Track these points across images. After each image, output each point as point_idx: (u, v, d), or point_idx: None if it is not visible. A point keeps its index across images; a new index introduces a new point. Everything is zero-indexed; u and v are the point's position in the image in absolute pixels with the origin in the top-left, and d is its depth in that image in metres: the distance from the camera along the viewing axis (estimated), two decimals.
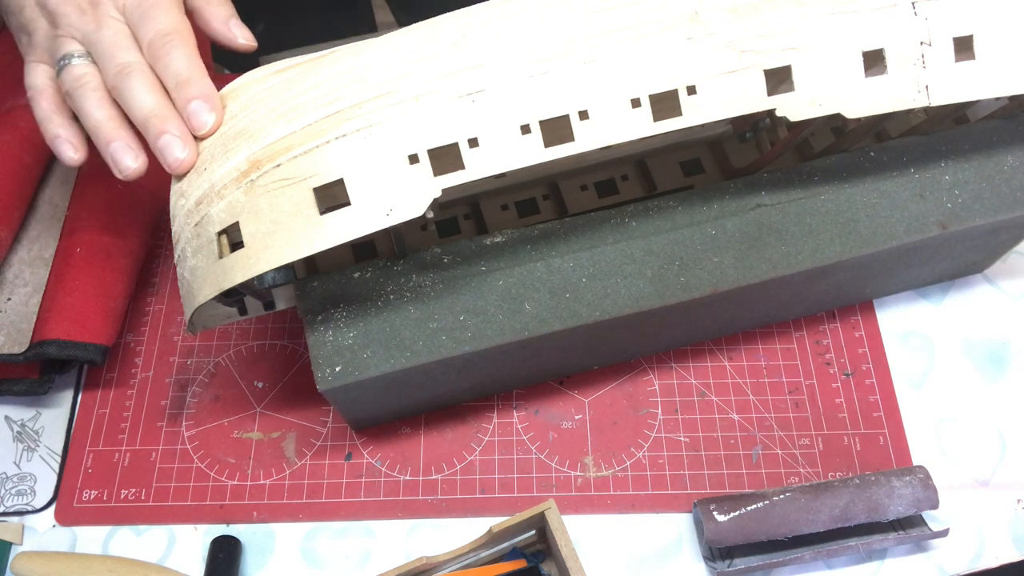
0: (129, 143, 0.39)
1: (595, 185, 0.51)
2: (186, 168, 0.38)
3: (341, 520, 0.50)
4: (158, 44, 0.39)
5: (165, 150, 0.38)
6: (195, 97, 0.38)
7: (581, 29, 0.37)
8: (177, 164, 0.38)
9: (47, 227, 0.54)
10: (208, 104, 0.38)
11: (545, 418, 0.53)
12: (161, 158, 0.38)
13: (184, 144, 0.38)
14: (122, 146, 0.39)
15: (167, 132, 0.38)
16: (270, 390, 0.54)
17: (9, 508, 0.51)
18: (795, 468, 0.51)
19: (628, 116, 0.37)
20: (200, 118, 0.38)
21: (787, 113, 0.39)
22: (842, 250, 0.44)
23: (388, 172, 0.36)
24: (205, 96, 0.38)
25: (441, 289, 0.43)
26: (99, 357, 0.50)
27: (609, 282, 0.43)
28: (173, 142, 0.38)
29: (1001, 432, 0.52)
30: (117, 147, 0.39)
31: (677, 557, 0.49)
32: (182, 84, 0.38)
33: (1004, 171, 0.46)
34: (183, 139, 0.38)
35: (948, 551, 0.49)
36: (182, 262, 0.40)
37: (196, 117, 0.38)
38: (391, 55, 0.37)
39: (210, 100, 0.38)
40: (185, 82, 0.38)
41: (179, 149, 0.38)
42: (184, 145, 0.38)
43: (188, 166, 0.38)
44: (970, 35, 0.40)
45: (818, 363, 0.54)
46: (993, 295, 0.56)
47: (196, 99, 0.38)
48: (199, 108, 0.38)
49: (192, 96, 0.38)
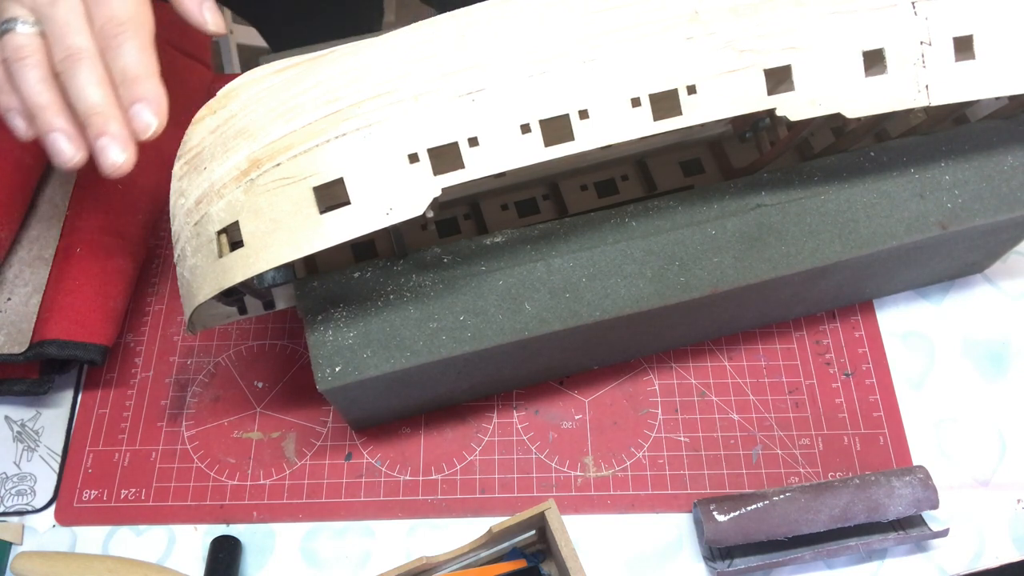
0: (69, 132, 0.37)
1: (595, 185, 0.51)
2: (122, 172, 0.36)
3: (341, 520, 0.50)
4: (110, 32, 0.36)
5: (102, 152, 0.36)
6: (140, 99, 0.36)
7: (581, 29, 0.37)
8: (113, 169, 0.36)
9: (47, 227, 0.54)
10: (152, 107, 0.36)
11: (545, 418, 0.53)
12: (97, 159, 0.36)
13: (123, 148, 0.36)
14: (61, 136, 0.37)
15: (107, 133, 0.36)
16: (270, 390, 0.54)
17: (9, 508, 0.51)
18: (795, 468, 0.51)
19: (628, 116, 0.37)
20: (142, 120, 0.36)
21: (787, 113, 0.39)
22: (842, 250, 0.44)
23: (388, 171, 0.36)
24: (150, 98, 0.36)
25: (441, 289, 0.43)
26: (99, 357, 0.50)
27: (609, 282, 0.43)
28: (111, 145, 0.36)
29: (1001, 432, 0.52)
30: (57, 137, 0.37)
31: (677, 557, 0.49)
32: (129, 81, 0.36)
33: (1004, 171, 0.46)
34: (122, 142, 0.36)
35: (948, 551, 0.49)
36: (182, 261, 0.40)
37: (138, 119, 0.36)
38: (391, 54, 0.37)
39: (155, 103, 0.36)
40: (132, 80, 0.36)
41: (117, 153, 0.36)
42: (123, 149, 0.36)
43: (125, 170, 0.36)
44: (970, 35, 0.40)
45: (818, 363, 0.54)
46: (993, 295, 0.56)
47: (140, 101, 0.36)
48: (141, 111, 0.36)
49: (137, 97, 0.36)
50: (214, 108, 0.39)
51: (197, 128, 0.39)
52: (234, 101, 0.39)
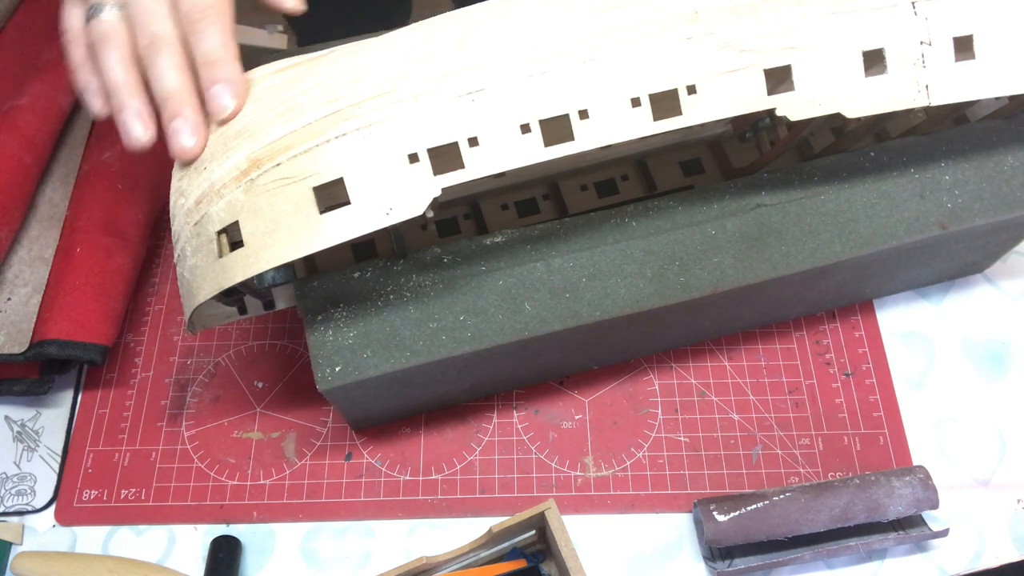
0: (142, 112, 0.38)
1: (595, 185, 0.51)
2: (191, 156, 0.38)
3: (341, 520, 0.50)
4: (194, 17, 0.37)
5: (174, 135, 0.37)
6: (219, 80, 0.37)
7: (581, 29, 0.37)
8: (182, 151, 0.37)
9: (47, 227, 0.54)
10: (231, 89, 0.37)
11: (545, 418, 0.53)
12: (169, 142, 0.38)
13: (194, 132, 0.37)
14: (134, 114, 0.38)
15: (180, 116, 0.37)
16: (270, 390, 0.54)
17: (9, 508, 0.51)
18: (795, 468, 0.51)
19: (628, 116, 0.37)
20: (220, 102, 0.37)
21: (787, 113, 0.39)
22: (842, 250, 0.44)
23: (388, 171, 0.36)
24: (230, 80, 0.37)
25: (441, 289, 0.43)
26: (99, 357, 0.50)
27: (609, 282, 0.43)
28: (183, 128, 0.37)
29: (1001, 432, 0.52)
30: (130, 115, 0.38)
31: (677, 557, 0.49)
32: (210, 64, 0.37)
33: (1004, 171, 0.46)
34: (194, 127, 0.37)
35: (948, 551, 0.49)
36: (182, 261, 0.40)
37: (216, 100, 0.37)
38: (391, 54, 0.37)
39: (234, 85, 0.37)
40: (213, 63, 0.37)
41: (187, 136, 0.37)
42: (193, 133, 0.37)
43: (193, 155, 0.38)
44: (970, 35, 0.40)
45: (818, 363, 0.54)
46: (993, 295, 0.56)
47: (220, 82, 0.37)
48: (221, 92, 0.37)
49: (217, 79, 0.37)
50: None
51: None
52: None
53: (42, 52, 0.58)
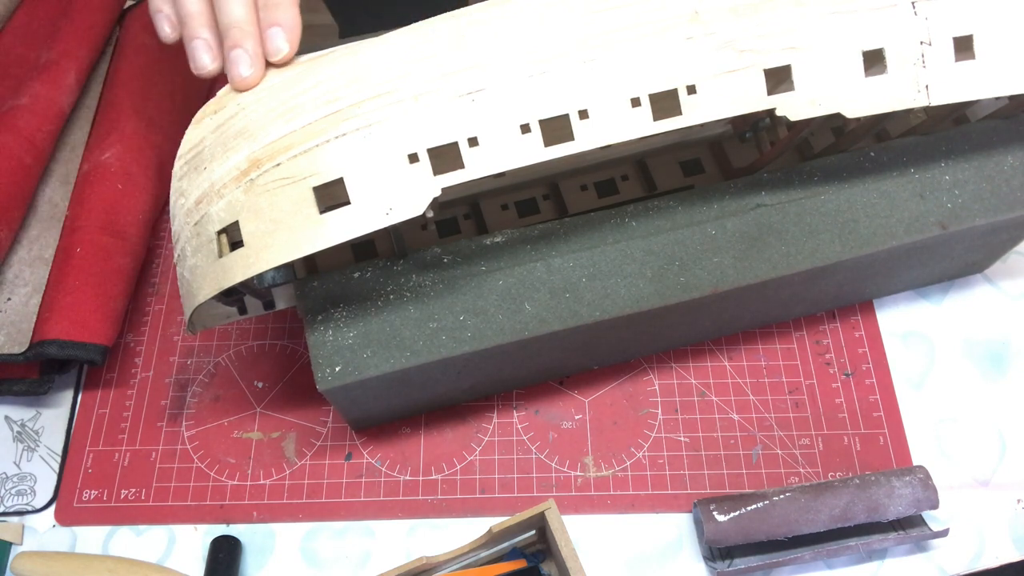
0: (211, 43, 0.40)
1: (595, 185, 0.51)
2: (248, 85, 0.39)
3: (341, 520, 0.50)
4: None
5: (233, 64, 0.39)
6: (276, 23, 0.39)
7: (581, 29, 0.37)
8: (240, 80, 0.39)
9: (47, 227, 0.54)
10: (287, 33, 0.39)
11: (545, 418, 0.53)
12: (228, 69, 0.39)
13: (252, 63, 0.39)
14: (203, 44, 0.40)
15: (240, 47, 0.38)
16: (270, 390, 0.54)
17: (9, 508, 0.51)
18: (795, 468, 0.51)
19: (628, 116, 0.37)
20: (275, 43, 0.39)
21: (787, 113, 0.39)
22: (842, 250, 0.44)
23: (388, 171, 0.36)
24: (286, 24, 0.39)
25: (441, 289, 0.43)
26: (99, 357, 0.50)
27: (609, 282, 0.43)
28: (243, 57, 0.39)
29: (1001, 432, 0.52)
30: (198, 44, 0.40)
31: (677, 557, 0.49)
32: (271, 5, 0.39)
33: (1004, 171, 0.46)
34: (253, 58, 0.39)
35: (948, 551, 0.49)
36: (182, 261, 0.40)
37: (271, 42, 0.39)
38: (391, 54, 0.37)
39: (290, 30, 0.39)
40: (274, 5, 0.39)
41: (246, 66, 0.39)
42: (252, 63, 0.39)
43: (251, 84, 0.39)
44: (970, 35, 0.40)
45: (818, 363, 0.54)
46: (993, 295, 0.56)
47: (276, 25, 0.39)
48: (276, 34, 0.39)
49: (274, 21, 0.39)
50: (214, 108, 0.39)
51: (197, 128, 0.39)
52: (234, 101, 0.39)
53: (42, 52, 0.58)
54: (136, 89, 0.58)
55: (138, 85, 0.58)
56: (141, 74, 0.58)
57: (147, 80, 0.58)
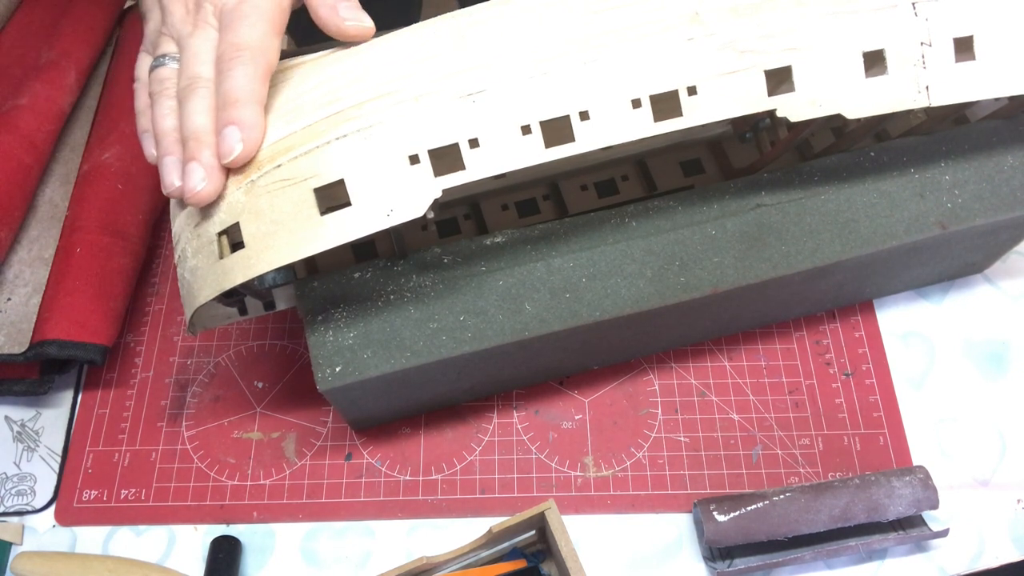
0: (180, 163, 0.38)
1: (595, 185, 0.51)
2: (202, 200, 0.37)
3: (341, 520, 0.50)
4: (226, 58, 0.37)
5: (186, 176, 0.37)
6: (232, 122, 0.36)
7: (581, 29, 0.37)
8: (192, 195, 0.36)
9: (47, 227, 0.54)
10: (242, 132, 0.36)
11: (545, 418, 0.53)
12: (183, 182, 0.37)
13: (206, 176, 0.36)
14: (174, 162, 0.37)
15: (196, 159, 0.36)
16: (270, 390, 0.54)
17: (9, 508, 0.51)
18: (795, 468, 0.51)
19: (628, 116, 0.37)
20: (228, 143, 0.36)
21: (787, 113, 0.39)
22: (842, 250, 0.44)
23: (388, 172, 0.36)
24: (242, 123, 0.36)
25: (441, 289, 0.43)
26: (99, 357, 0.50)
27: (609, 282, 0.43)
28: (196, 171, 0.36)
29: (1001, 432, 0.52)
30: (169, 162, 0.38)
31: (677, 557, 0.49)
32: (227, 105, 0.36)
33: (1004, 171, 0.46)
34: (208, 171, 0.36)
35: (948, 551, 0.49)
36: (182, 262, 0.40)
37: (224, 142, 0.36)
38: (391, 55, 0.37)
39: (246, 129, 0.36)
40: (231, 103, 0.36)
41: (199, 179, 0.36)
42: (205, 177, 0.36)
43: (203, 199, 0.37)
44: (970, 35, 0.40)
45: (818, 363, 0.54)
46: (993, 295, 0.56)
47: (232, 124, 0.36)
48: (230, 133, 0.36)
49: (230, 120, 0.36)
50: None
51: None
52: None
53: (42, 52, 0.58)
54: None
55: None
56: None
57: None
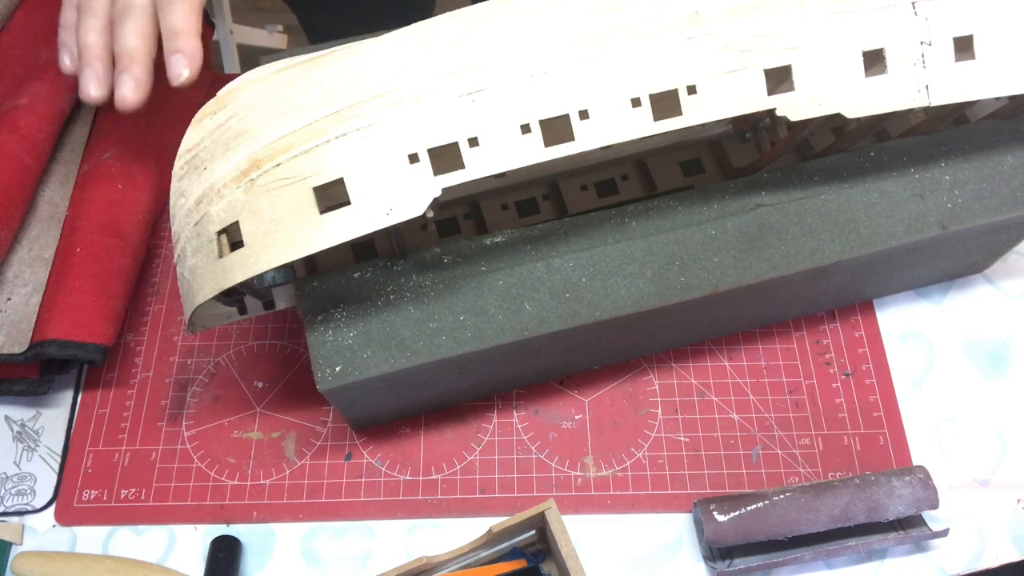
0: (100, 74, 0.44)
1: (595, 185, 0.51)
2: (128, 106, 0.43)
3: (341, 520, 0.50)
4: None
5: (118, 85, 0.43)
6: (179, 51, 0.42)
7: (581, 29, 0.37)
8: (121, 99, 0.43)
9: (47, 227, 0.54)
10: (187, 60, 0.42)
11: (545, 418, 0.53)
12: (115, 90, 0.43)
13: (136, 87, 0.43)
14: (92, 74, 0.44)
15: (127, 72, 0.42)
16: (270, 390, 0.54)
17: (9, 508, 0.51)
18: (795, 468, 0.51)
19: (628, 116, 0.37)
20: (176, 69, 0.42)
21: (787, 113, 0.39)
22: (842, 250, 0.44)
23: (388, 171, 0.36)
24: (188, 52, 0.42)
25: (441, 289, 0.43)
26: (99, 357, 0.50)
27: (609, 282, 0.43)
28: (127, 82, 0.43)
29: (1001, 432, 0.52)
30: (88, 74, 0.44)
31: (677, 557, 0.49)
32: (173, 35, 0.42)
33: (1004, 171, 0.46)
34: (137, 83, 0.43)
35: (948, 551, 0.49)
36: (182, 262, 0.40)
37: (173, 68, 0.42)
38: (391, 54, 0.37)
39: (191, 58, 0.43)
40: (176, 34, 0.42)
41: (129, 89, 0.43)
42: (136, 88, 0.43)
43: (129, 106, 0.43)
44: (970, 35, 0.40)
45: (818, 363, 0.54)
46: (993, 295, 0.56)
47: (179, 53, 0.42)
48: (177, 61, 0.42)
49: (177, 49, 0.42)
50: (214, 108, 0.39)
51: (197, 128, 0.39)
52: (234, 101, 0.39)
53: (42, 52, 0.58)
54: None
55: None
56: None
57: None
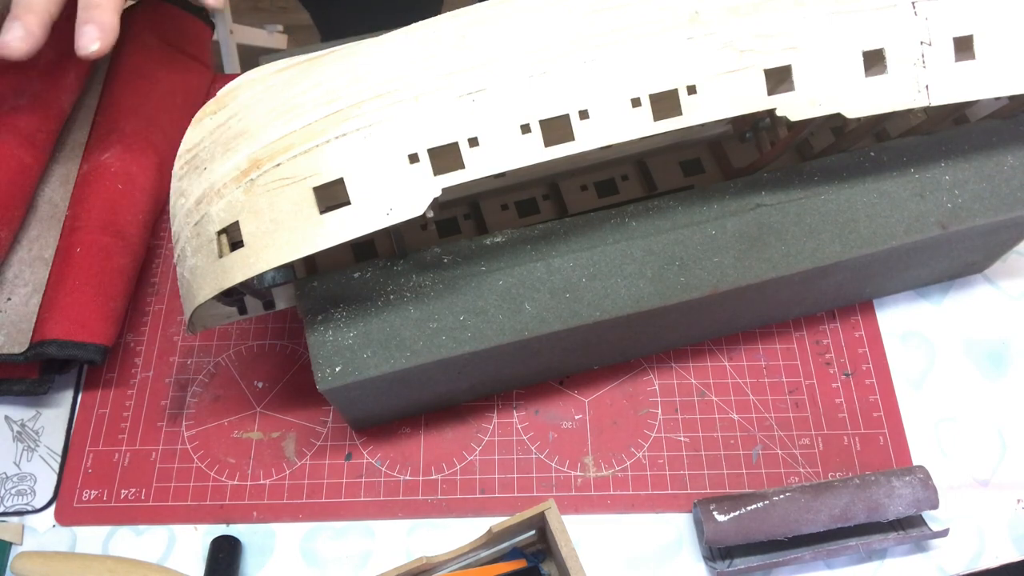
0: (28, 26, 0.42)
1: (595, 185, 0.51)
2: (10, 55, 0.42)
3: (341, 520, 0.50)
4: None
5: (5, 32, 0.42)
6: (92, 21, 0.42)
7: (581, 29, 0.37)
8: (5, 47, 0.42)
9: (47, 227, 0.54)
10: (98, 33, 0.42)
11: (545, 418, 0.53)
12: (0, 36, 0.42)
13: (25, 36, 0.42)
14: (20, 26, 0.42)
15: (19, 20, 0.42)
16: (270, 390, 0.54)
17: (9, 508, 0.51)
18: (795, 468, 0.51)
19: (628, 116, 0.37)
20: (82, 40, 0.42)
21: (787, 113, 0.39)
22: (842, 250, 0.44)
23: (388, 171, 0.36)
24: (101, 24, 0.42)
25: (441, 289, 0.43)
26: (99, 357, 0.50)
27: (609, 282, 0.43)
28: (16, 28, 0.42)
29: (1001, 432, 0.52)
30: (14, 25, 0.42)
31: (677, 557, 0.49)
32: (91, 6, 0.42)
33: (1004, 171, 0.46)
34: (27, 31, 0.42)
35: (948, 551, 0.49)
36: (182, 262, 0.40)
37: (81, 38, 0.42)
38: (391, 54, 0.37)
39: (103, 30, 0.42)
40: (95, 6, 0.42)
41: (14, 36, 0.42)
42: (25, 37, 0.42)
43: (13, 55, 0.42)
44: (970, 35, 0.40)
45: (818, 363, 0.54)
46: (993, 295, 0.56)
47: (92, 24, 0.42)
48: (86, 32, 0.42)
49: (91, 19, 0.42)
50: (214, 108, 0.39)
51: (197, 128, 0.39)
52: (234, 101, 0.39)
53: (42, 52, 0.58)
54: (136, 89, 0.58)
55: (138, 85, 0.58)
56: (141, 73, 0.58)
57: (147, 80, 0.58)
